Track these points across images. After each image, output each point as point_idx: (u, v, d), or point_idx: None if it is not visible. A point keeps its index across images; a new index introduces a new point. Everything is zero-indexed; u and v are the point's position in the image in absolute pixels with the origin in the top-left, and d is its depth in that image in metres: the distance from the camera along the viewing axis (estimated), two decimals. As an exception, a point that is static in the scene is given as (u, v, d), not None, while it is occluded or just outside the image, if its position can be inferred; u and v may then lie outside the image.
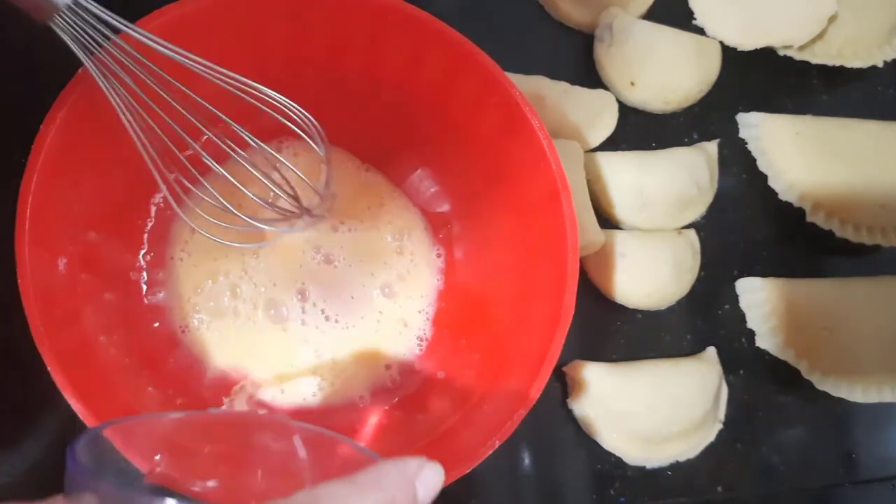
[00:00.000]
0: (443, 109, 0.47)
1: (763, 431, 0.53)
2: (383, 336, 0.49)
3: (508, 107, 0.44)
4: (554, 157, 0.43)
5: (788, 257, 0.57)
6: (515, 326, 0.45)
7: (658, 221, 0.55)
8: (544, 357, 0.41)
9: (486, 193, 0.48)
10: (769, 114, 0.58)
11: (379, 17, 0.43)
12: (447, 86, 0.46)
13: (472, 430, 0.41)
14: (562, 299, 0.42)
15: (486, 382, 0.44)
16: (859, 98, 0.62)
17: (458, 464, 0.38)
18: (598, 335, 0.53)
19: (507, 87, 0.44)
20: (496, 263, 0.49)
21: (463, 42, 0.43)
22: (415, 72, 0.46)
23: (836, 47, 0.60)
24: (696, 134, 0.58)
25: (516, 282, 0.47)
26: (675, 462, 0.51)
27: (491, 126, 0.46)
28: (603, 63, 0.57)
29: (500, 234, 0.48)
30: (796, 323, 0.54)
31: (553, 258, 0.43)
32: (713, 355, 0.53)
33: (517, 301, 0.46)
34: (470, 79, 0.44)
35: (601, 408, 0.50)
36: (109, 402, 0.38)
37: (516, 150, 0.45)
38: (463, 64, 0.44)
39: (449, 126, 0.47)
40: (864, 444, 0.55)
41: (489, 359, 0.46)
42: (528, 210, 0.46)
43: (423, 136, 0.49)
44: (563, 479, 0.50)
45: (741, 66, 0.59)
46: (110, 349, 0.41)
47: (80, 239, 0.41)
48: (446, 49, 0.44)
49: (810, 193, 0.56)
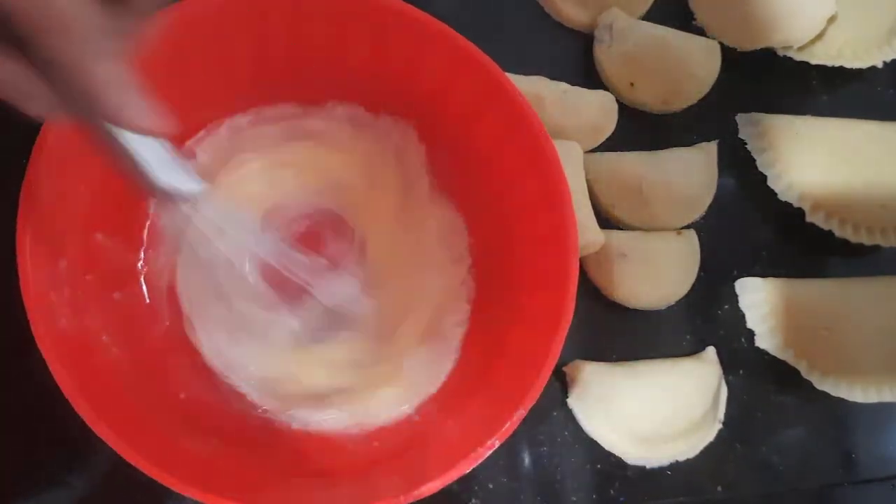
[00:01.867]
0: (442, 112, 0.47)
1: (763, 431, 0.53)
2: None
3: (508, 108, 0.44)
4: (554, 158, 0.43)
5: (788, 257, 0.57)
6: (515, 326, 0.45)
7: (658, 221, 0.55)
8: (544, 357, 0.41)
9: (485, 194, 0.48)
10: (769, 114, 0.58)
11: (379, 19, 0.43)
12: (446, 89, 0.46)
13: (471, 430, 0.41)
14: (562, 299, 0.42)
15: (486, 382, 0.44)
16: (859, 98, 0.62)
17: (458, 464, 0.38)
18: (598, 335, 0.53)
19: (507, 87, 0.44)
20: (496, 263, 0.48)
21: (461, 41, 0.44)
22: (416, 76, 0.46)
23: (836, 48, 0.60)
24: (696, 134, 0.58)
25: (515, 282, 0.47)
26: (675, 462, 0.51)
27: (490, 126, 0.46)
28: (603, 64, 0.57)
29: (499, 233, 0.48)
30: (796, 323, 0.54)
31: (553, 258, 0.43)
32: (713, 355, 0.53)
33: (517, 300, 0.46)
34: (468, 80, 0.45)
35: (601, 408, 0.50)
36: (111, 400, 0.38)
37: (516, 150, 0.45)
38: (462, 65, 0.44)
39: (449, 127, 0.48)
40: (863, 444, 0.55)
41: (489, 358, 0.46)
42: (527, 210, 0.46)
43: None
44: (562, 479, 0.50)
45: (741, 67, 0.59)
46: (112, 349, 0.41)
47: (81, 239, 0.42)
48: (445, 49, 0.44)
49: (810, 194, 0.56)
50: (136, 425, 0.38)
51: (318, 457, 0.44)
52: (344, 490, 0.41)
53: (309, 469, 0.44)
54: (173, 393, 0.44)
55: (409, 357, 0.47)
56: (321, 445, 0.45)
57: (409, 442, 0.44)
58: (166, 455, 0.37)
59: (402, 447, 0.44)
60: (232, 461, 0.41)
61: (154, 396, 0.42)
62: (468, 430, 0.42)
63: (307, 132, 0.50)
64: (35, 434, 0.45)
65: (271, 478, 0.41)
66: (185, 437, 0.41)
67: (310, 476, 0.43)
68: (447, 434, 0.43)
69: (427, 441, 0.44)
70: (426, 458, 0.42)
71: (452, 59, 0.44)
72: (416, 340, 0.48)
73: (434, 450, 0.42)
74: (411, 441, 0.44)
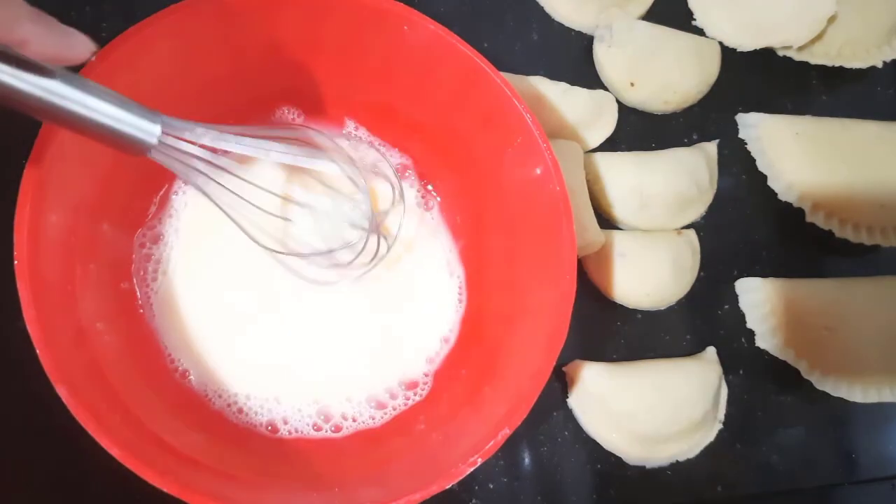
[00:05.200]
0: (431, 100, 0.47)
1: (763, 431, 0.53)
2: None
3: (496, 103, 0.44)
4: (551, 157, 0.44)
5: (788, 257, 0.57)
6: (516, 326, 0.45)
7: (658, 222, 0.55)
8: (544, 357, 0.41)
9: (485, 195, 0.48)
10: (769, 114, 0.59)
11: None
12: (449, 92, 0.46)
13: (472, 432, 0.41)
14: (561, 299, 0.42)
15: (486, 383, 0.44)
16: (859, 98, 0.62)
17: (438, 479, 0.38)
18: (598, 335, 0.53)
19: (501, 85, 0.44)
20: (496, 263, 0.49)
21: (446, 35, 0.44)
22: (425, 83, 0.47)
23: (836, 48, 0.60)
24: (696, 134, 0.58)
25: (515, 281, 0.47)
26: (675, 462, 0.51)
27: (475, 120, 0.46)
28: (603, 63, 0.57)
29: (499, 233, 0.48)
30: (796, 323, 0.54)
31: (552, 258, 0.43)
32: (713, 355, 0.53)
33: (517, 300, 0.46)
34: (455, 73, 0.45)
35: (601, 408, 0.50)
36: (96, 386, 0.38)
37: (514, 150, 0.45)
38: (448, 61, 0.44)
39: (437, 119, 0.48)
40: (863, 444, 0.55)
41: (489, 359, 0.46)
42: (527, 212, 0.46)
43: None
44: (562, 480, 0.50)
45: (741, 67, 0.59)
46: (105, 336, 0.41)
47: (81, 232, 0.41)
48: (427, 43, 0.44)
49: (810, 194, 0.56)
50: (120, 414, 0.38)
51: (299, 460, 0.44)
52: (324, 495, 0.41)
53: (287, 472, 0.43)
54: (162, 383, 0.44)
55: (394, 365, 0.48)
56: (300, 448, 0.44)
57: (392, 450, 0.44)
58: (145, 447, 0.37)
59: (402, 448, 0.44)
60: (213, 459, 0.40)
61: (142, 384, 0.42)
62: (469, 432, 0.41)
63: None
64: (33, 434, 0.44)
65: (248, 479, 0.41)
66: (169, 431, 0.40)
67: (289, 479, 0.42)
68: (448, 435, 0.43)
69: (407, 451, 0.44)
70: (406, 469, 0.42)
71: (433, 52, 0.45)
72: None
73: (416, 462, 0.42)
74: (394, 449, 0.44)
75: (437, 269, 0.50)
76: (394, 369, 0.48)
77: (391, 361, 0.48)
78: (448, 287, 0.50)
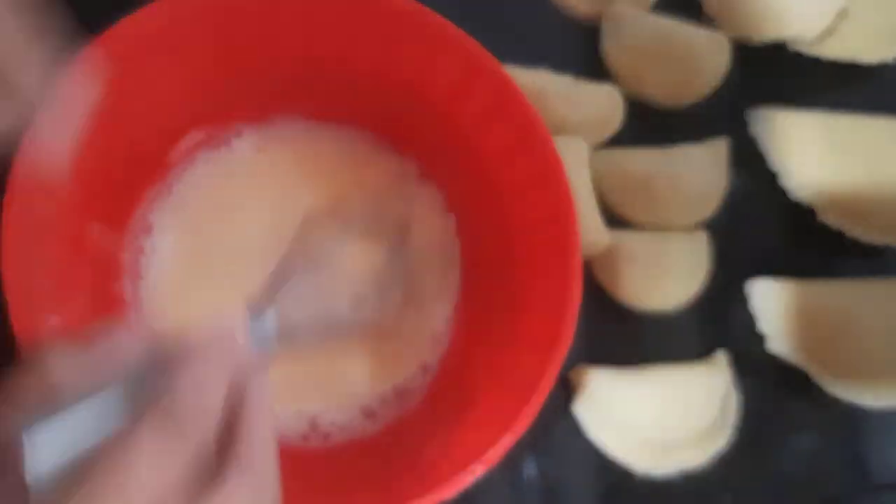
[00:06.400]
0: (428, 96, 0.47)
1: (774, 437, 0.52)
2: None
3: (499, 97, 0.44)
4: (555, 154, 0.43)
5: (799, 257, 0.57)
6: (517, 329, 0.45)
7: (666, 220, 0.54)
8: (548, 362, 0.40)
9: (485, 193, 0.48)
10: (780, 110, 0.58)
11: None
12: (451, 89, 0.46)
13: (471, 440, 0.41)
14: (566, 301, 0.41)
15: (487, 389, 0.44)
16: (872, 94, 0.61)
17: (438, 488, 0.38)
18: (604, 339, 0.52)
19: (504, 78, 0.44)
20: (496, 264, 0.48)
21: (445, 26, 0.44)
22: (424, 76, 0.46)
23: (849, 42, 0.60)
24: (705, 130, 0.57)
25: (517, 282, 0.46)
26: (684, 470, 0.50)
27: (476, 111, 0.46)
28: (609, 57, 0.57)
29: (499, 233, 0.48)
30: (808, 325, 0.53)
31: (556, 259, 0.43)
32: (722, 360, 0.52)
33: (518, 302, 0.45)
34: (456, 66, 0.45)
35: (607, 414, 0.49)
36: None
37: (516, 146, 0.45)
38: (449, 52, 0.44)
39: (436, 116, 0.48)
40: (877, 450, 0.54)
41: (489, 364, 0.45)
42: (529, 211, 0.45)
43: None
44: (567, 488, 0.49)
45: (751, 61, 0.59)
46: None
47: (69, 231, 0.41)
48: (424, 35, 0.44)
49: (822, 192, 0.56)
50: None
51: (285, 469, 0.44)
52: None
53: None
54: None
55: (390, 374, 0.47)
56: (289, 456, 0.44)
57: (386, 460, 0.44)
58: None
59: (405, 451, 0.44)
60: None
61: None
62: (470, 437, 0.41)
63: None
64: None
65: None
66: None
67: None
68: (450, 440, 0.43)
69: (402, 461, 0.43)
70: (401, 479, 0.41)
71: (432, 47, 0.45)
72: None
73: (412, 472, 0.42)
74: (389, 459, 0.44)
75: (434, 270, 0.49)
76: (387, 376, 0.47)
77: (384, 367, 0.47)
78: (445, 289, 0.49)
